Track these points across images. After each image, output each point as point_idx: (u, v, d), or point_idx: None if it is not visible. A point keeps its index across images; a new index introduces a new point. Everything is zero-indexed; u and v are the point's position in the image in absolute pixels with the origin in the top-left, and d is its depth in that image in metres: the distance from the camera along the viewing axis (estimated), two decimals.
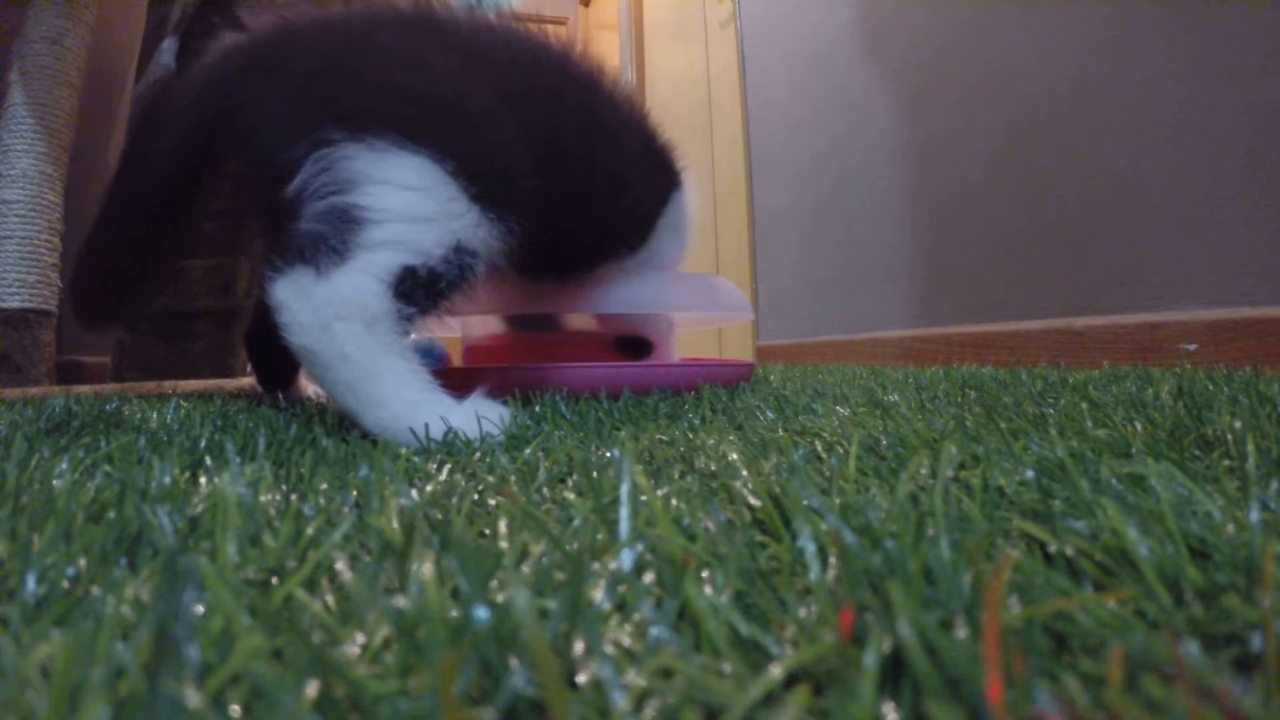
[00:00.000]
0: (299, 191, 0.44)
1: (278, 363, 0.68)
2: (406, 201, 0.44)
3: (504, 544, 0.20)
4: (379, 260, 0.43)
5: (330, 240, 0.43)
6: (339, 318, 0.41)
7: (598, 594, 0.15)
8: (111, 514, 0.22)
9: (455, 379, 0.48)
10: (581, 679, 0.12)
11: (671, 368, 0.70)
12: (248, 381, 0.95)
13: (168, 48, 0.99)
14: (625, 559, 0.17)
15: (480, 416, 0.42)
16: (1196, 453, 0.29)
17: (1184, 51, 0.85)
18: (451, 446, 0.39)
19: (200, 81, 0.51)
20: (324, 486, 0.27)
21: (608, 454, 0.34)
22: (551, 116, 0.55)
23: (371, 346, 0.42)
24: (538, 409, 0.51)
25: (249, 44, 0.51)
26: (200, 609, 0.15)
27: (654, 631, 0.14)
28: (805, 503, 0.19)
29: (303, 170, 0.44)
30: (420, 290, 0.45)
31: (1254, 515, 0.17)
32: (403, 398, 0.42)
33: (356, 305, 0.42)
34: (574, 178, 0.57)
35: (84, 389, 0.82)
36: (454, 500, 0.25)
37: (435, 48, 0.50)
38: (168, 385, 0.89)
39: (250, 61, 0.50)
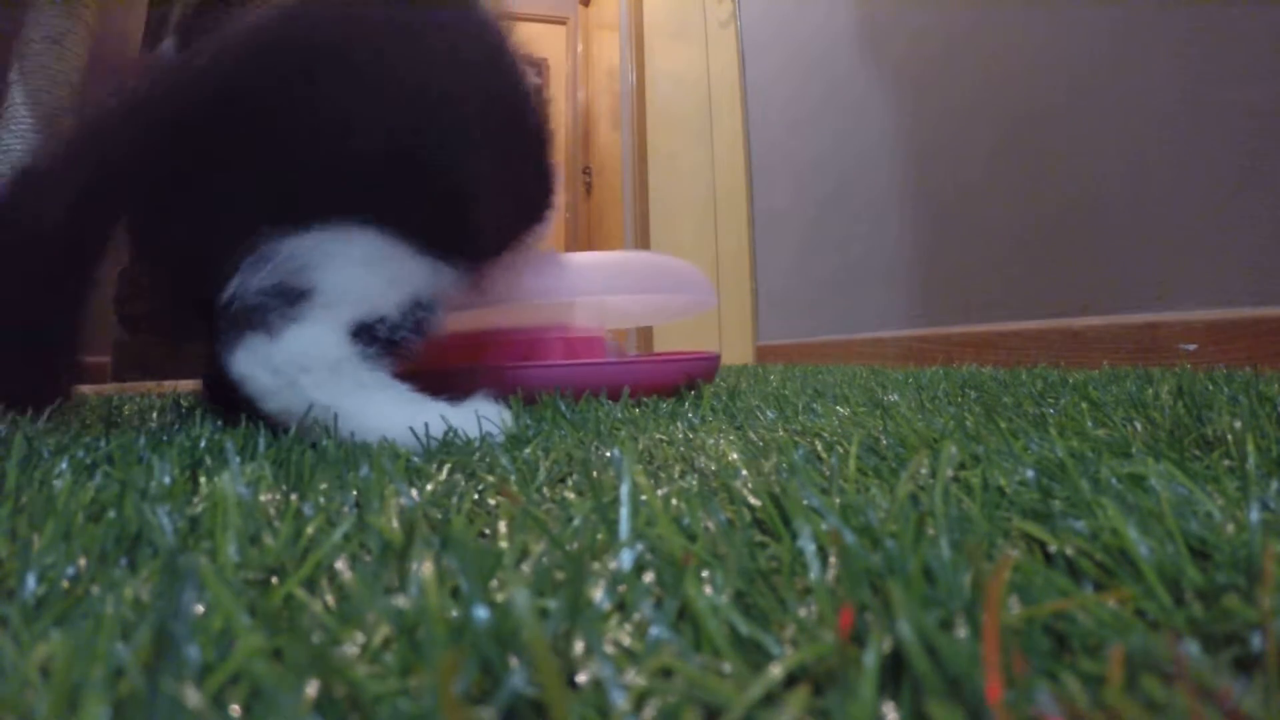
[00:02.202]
0: (236, 289, 0.41)
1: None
2: (354, 276, 0.42)
3: (504, 544, 0.20)
4: (333, 315, 0.42)
5: (279, 307, 0.41)
6: (302, 371, 0.40)
7: (598, 594, 0.15)
8: (111, 514, 0.22)
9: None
10: (581, 679, 0.12)
11: (585, 367, 0.63)
12: None
13: (168, 48, 0.99)
14: (625, 559, 0.17)
15: (480, 416, 0.42)
16: (1196, 453, 0.29)
17: (1184, 51, 0.85)
18: (451, 446, 0.39)
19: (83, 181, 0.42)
20: (324, 486, 0.27)
21: (608, 454, 0.34)
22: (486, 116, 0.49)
23: (341, 385, 0.41)
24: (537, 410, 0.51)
25: (136, 133, 0.42)
26: (200, 609, 0.15)
27: (654, 631, 0.14)
28: (805, 503, 0.19)
29: (239, 274, 0.41)
30: (378, 340, 0.43)
31: (1254, 515, 0.17)
32: (391, 414, 0.42)
33: (316, 356, 0.41)
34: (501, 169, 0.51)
35: (84, 389, 0.82)
36: (454, 500, 0.25)
37: (351, 91, 0.43)
38: (168, 385, 0.89)
39: (146, 161, 0.42)
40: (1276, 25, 0.76)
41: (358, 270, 0.43)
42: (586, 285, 0.64)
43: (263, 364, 0.41)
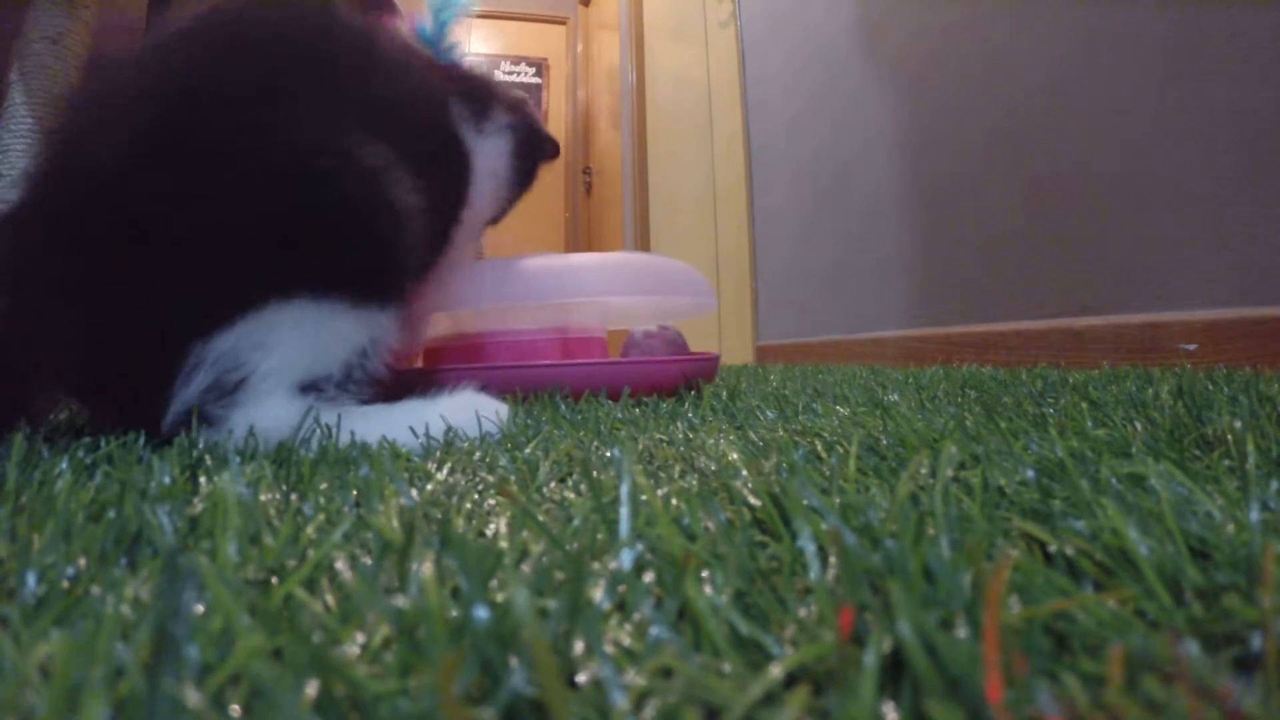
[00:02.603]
0: (175, 409, 0.40)
1: None
2: (289, 351, 0.40)
3: (504, 544, 0.20)
4: (275, 384, 0.40)
5: (219, 400, 0.39)
6: (266, 445, 0.38)
7: (598, 594, 0.15)
8: (111, 514, 0.22)
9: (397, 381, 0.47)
10: (581, 679, 0.12)
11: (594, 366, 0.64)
12: None
13: None
14: (625, 559, 0.17)
15: (479, 415, 0.42)
16: (1196, 453, 0.29)
17: (1185, 51, 0.85)
18: (451, 446, 0.39)
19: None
20: (324, 486, 0.27)
21: (608, 454, 0.34)
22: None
23: (324, 416, 0.40)
24: (537, 410, 0.50)
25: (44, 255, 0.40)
26: (200, 609, 0.15)
27: (654, 631, 0.14)
28: (805, 502, 0.19)
29: (174, 396, 0.39)
30: (325, 392, 0.42)
31: (1254, 515, 0.17)
32: (387, 417, 0.41)
33: (275, 426, 0.39)
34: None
35: None
36: (454, 500, 0.25)
37: (216, 181, 0.39)
38: None
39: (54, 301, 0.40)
40: (1276, 25, 0.76)
41: (293, 345, 0.41)
42: (583, 287, 0.64)
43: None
